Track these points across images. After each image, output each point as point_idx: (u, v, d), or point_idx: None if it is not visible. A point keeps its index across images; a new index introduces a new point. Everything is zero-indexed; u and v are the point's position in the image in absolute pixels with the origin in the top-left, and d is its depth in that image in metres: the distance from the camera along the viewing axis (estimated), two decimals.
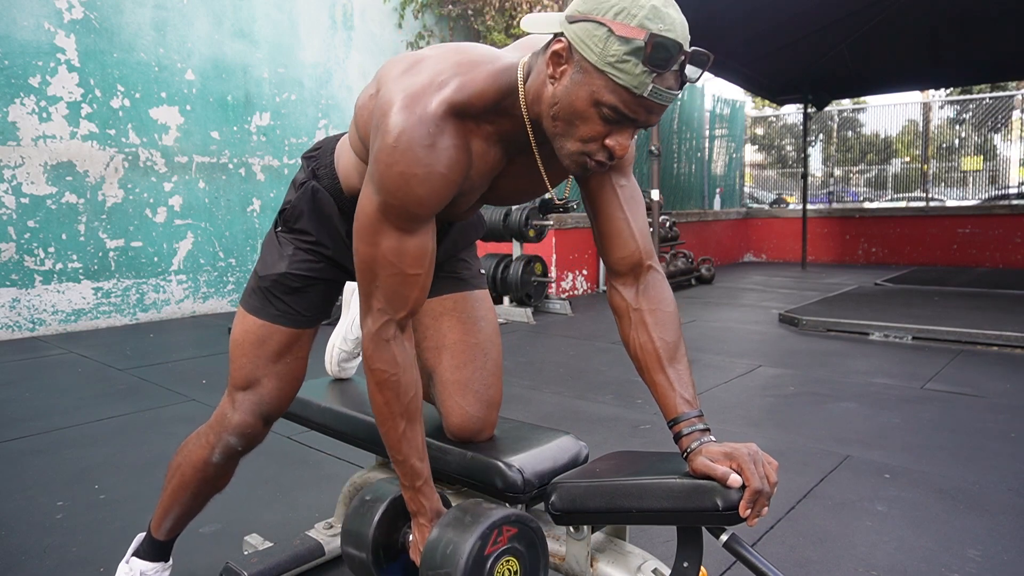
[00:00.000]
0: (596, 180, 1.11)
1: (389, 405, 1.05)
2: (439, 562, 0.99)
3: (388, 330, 1.04)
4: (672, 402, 1.03)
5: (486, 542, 0.99)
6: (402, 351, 1.05)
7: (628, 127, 0.92)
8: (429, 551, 1.01)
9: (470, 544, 0.97)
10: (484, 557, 0.98)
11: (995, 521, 1.83)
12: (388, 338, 1.04)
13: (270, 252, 1.25)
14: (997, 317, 4.53)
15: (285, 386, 1.26)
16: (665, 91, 0.88)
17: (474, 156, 1.00)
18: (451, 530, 1.00)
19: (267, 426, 1.28)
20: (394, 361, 1.04)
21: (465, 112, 0.97)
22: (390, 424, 1.06)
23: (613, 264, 1.12)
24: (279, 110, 5.96)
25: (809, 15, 5.99)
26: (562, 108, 0.92)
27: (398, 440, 1.06)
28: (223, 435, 1.25)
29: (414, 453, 1.07)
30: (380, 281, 1.02)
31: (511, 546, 1.01)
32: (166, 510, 1.34)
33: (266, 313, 1.22)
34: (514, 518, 1.02)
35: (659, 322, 1.08)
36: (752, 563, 0.93)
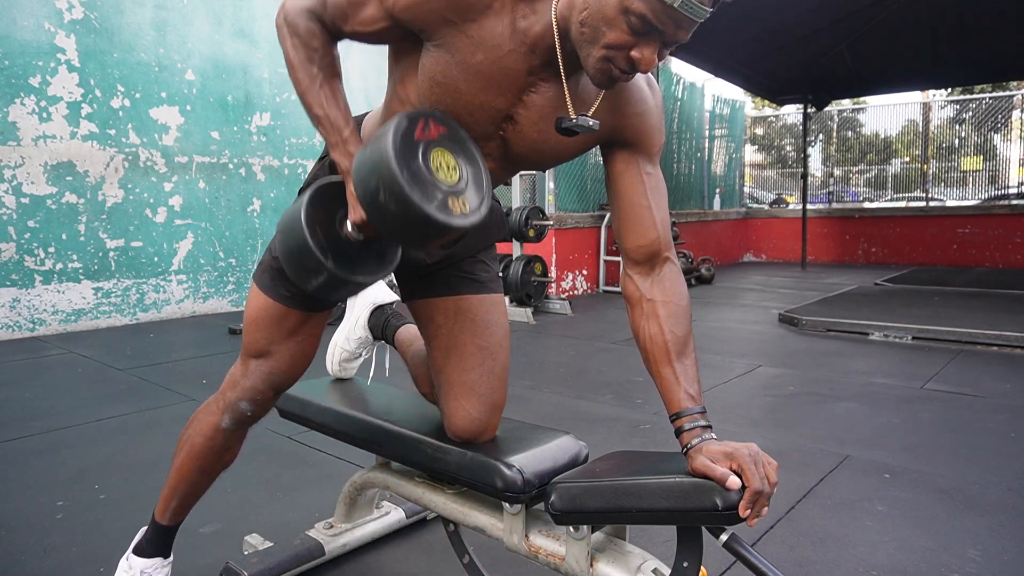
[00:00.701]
0: (623, 162, 1.09)
1: (305, 61, 1.05)
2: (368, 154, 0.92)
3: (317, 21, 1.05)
4: (676, 396, 1.03)
5: (413, 124, 0.93)
6: (324, 33, 1.06)
7: (654, 39, 0.90)
8: (357, 165, 0.95)
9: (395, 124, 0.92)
10: (414, 139, 0.92)
11: (995, 521, 1.83)
12: (315, 20, 1.05)
13: None
14: (997, 317, 4.53)
15: (296, 361, 1.26)
16: (696, 4, 0.86)
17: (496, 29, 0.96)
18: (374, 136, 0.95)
19: (276, 395, 1.28)
20: (315, 32, 1.05)
21: None
22: (307, 79, 1.05)
23: (630, 251, 1.11)
24: (279, 110, 5.96)
25: (809, 15, 6.00)
26: (591, 14, 0.90)
27: (317, 92, 1.05)
28: (234, 400, 1.26)
29: (335, 105, 1.06)
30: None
31: (442, 142, 0.96)
32: (173, 489, 1.34)
33: (276, 293, 1.22)
34: (439, 116, 0.98)
35: (671, 314, 1.07)
36: (752, 563, 0.93)
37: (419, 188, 0.90)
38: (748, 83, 8.09)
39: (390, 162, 0.88)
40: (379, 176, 0.90)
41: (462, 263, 1.31)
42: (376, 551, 1.70)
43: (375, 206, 0.92)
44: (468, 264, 1.32)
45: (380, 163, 0.89)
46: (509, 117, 1.04)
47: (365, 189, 0.93)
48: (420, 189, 0.90)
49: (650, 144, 1.10)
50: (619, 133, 1.08)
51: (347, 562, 1.65)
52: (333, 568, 1.62)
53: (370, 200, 0.93)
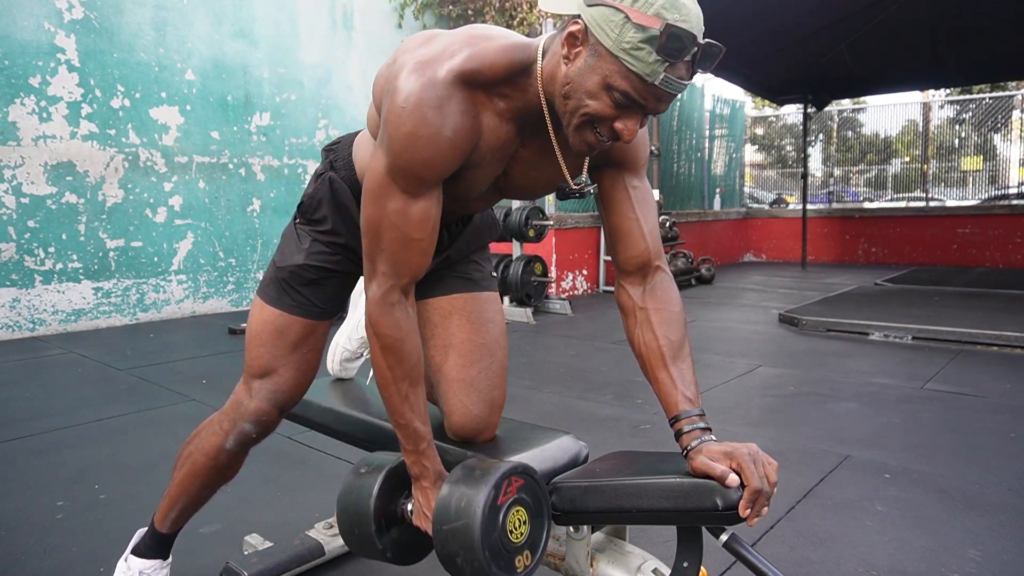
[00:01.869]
0: (610, 178, 1.12)
1: (392, 369, 1.06)
2: (454, 516, 0.98)
3: (392, 295, 1.05)
4: (674, 399, 1.04)
5: (499, 492, 0.99)
6: (405, 316, 1.06)
7: (637, 112, 0.94)
8: (442, 507, 1.01)
9: (485, 494, 0.98)
10: (498, 507, 0.99)
11: (995, 521, 1.83)
12: (392, 303, 1.05)
13: (288, 244, 1.27)
14: (997, 317, 4.53)
15: (301, 376, 1.28)
16: (676, 80, 0.89)
17: (484, 129, 1.01)
18: (463, 485, 1.01)
19: (281, 415, 1.30)
20: (398, 325, 1.05)
21: (475, 81, 0.98)
22: (393, 388, 1.07)
23: (622, 263, 1.14)
24: (279, 110, 5.96)
25: (809, 16, 6.00)
26: (573, 88, 0.93)
27: (401, 403, 1.07)
28: (238, 422, 1.26)
29: (417, 416, 1.08)
30: (384, 244, 1.03)
31: (520, 496, 1.02)
32: (173, 501, 1.34)
33: (283, 303, 1.24)
34: (521, 469, 1.03)
35: (664, 321, 1.10)
36: (752, 563, 0.94)
37: (495, 560, 0.98)
38: (748, 83, 8.08)
39: (474, 540, 0.96)
40: (461, 545, 0.97)
41: (455, 264, 1.33)
42: None
43: (451, 563, 1.00)
44: (461, 265, 1.34)
45: (465, 537, 0.97)
46: (503, 174, 1.11)
47: (443, 545, 1.00)
48: (496, 561, 0.98)
49: (635, 160, 1.13)
50: (605, 156, 1.12)
51: (347, 562, 1.65)
52: (333, 568, 1.62)
53: (446, 555, 1.00)
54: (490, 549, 0.97)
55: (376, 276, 1.05)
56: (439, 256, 1.27)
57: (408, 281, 1.06)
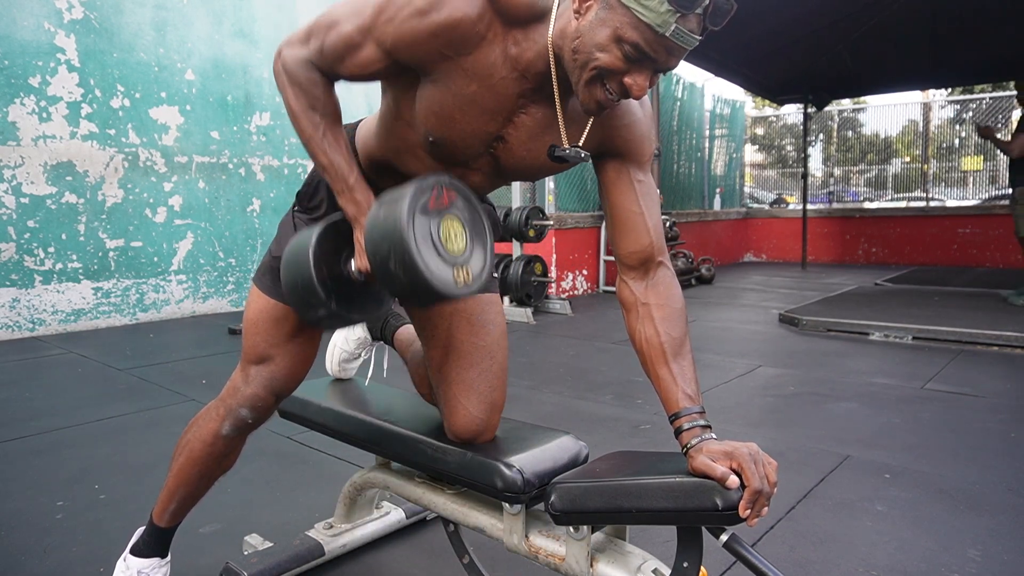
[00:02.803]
0: (615, 171, 1.11)
1: (309, 110, 1.07)
2: (382, 219, 0.95)
3: (314, 68, 1.06)
4: (674, 396, 1.04)
5: (425, 193, 0.97)
6: (320, 76, 1.07)
7: (647, 67, 0.92)
8: (371, 218, 0.98)
9: (411, 192, 0.95)
10: (428, 209, 0.96)
11: (995, 521, 1.83)
12: (312, 68, 1.06)
13: (286, 233, 1.27)
14: (997, 317, 4.53)
15: (297, 364, 1.28)
16: (687, 33, 0.88)
17: (489, 59, 0.98)
18: (387, 200, 0.98)
19: (277, 401, 1.30)
20: (315, 80, 1.06)
21: (498, 6, 0.95)
22: (311, 127, 1.07)
23: (624, 257, 1.13)
24: (279, 110, 5.96)
25: (809, 16, 5.99)
26: (583, 42, 0.92)
27: (320, 138, 1.07)
28: (235, 407, 1.27)
29: (338, 152, 1.07)
30: (329, 39, 1.03)
31: (453, 211, 1.00)
32: (171, 492, 1.35)
33: (277, 293, 1.23)
34: (452, 183, 1.02)
35: (666, 317, 1.09)
36: (752, 563, 0.93)
37: (429, 261, 0.94)
38: (748, 83, 8.08)
39: (403, 234, 0.92)
40: (391, 244, 0.93)
41: None
42: (376, 551, 1.70)
43: (384, 270, 0.96)
44: None
45: (393, 232, 0.93)
46: (500, 138, 1.08)
47: (375, 252, 0.96)
48: (429, 262, 0.94)
49: (640, 153, 1.12)
50: (609, 144, 1.11)
51: (347, 562, 1.65)
52: (333, 568, 1.62)
53: (379, 263, 0.96)
54: (420, 245, 0.93)
55: (308, 46, 1.06)
56: None
57: (327, 71, 1.06)
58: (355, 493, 1.63)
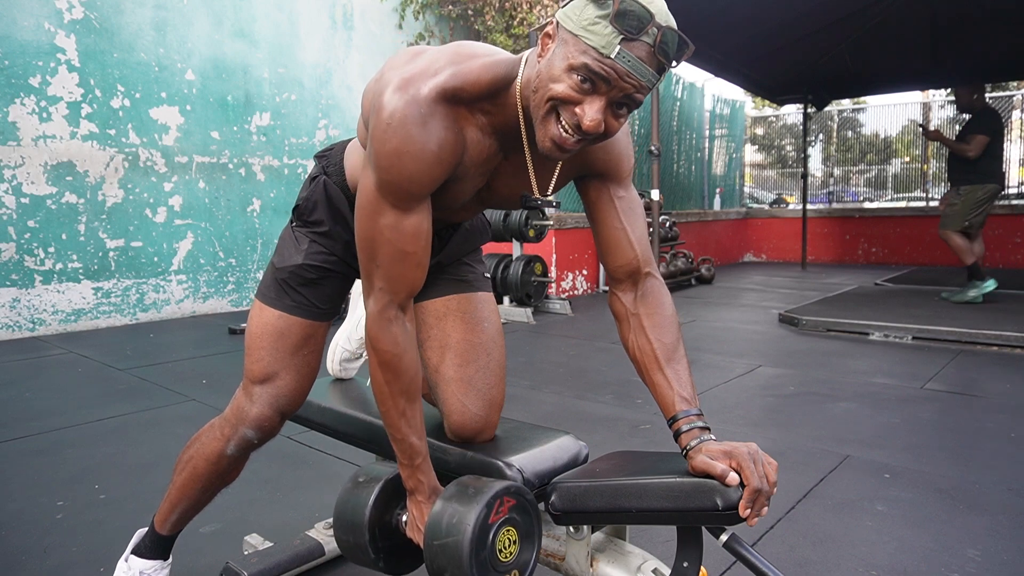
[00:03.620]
0: (595, 190, 1.14)
1: (390, 384, 1.08)
2: (444, 532, 1.00)
3: (390, 311, 1.06)
4: (670, 400, 1.05)
5: (490, 511, 1.01)
6: (403, 331, 1.08)
7: (600, 96, 0.92)
8: (434, 523, 1.02)
9: (476, 513, 0.99)
10: (488, 525, 1.00)
11: (995, 521, 1.83)
12: (390, 318, 1.06)
13: (286, 246, 1.28)
14: (997, 317, 4.53)
15: (302, 379, 1.28)
16: (634, 58, 0.89)
17: (468, 143, 1.03)
18: (455, 502, 1.02)
19: (283, 421, 1.30)
20: (396, 341, 1.07)
21: (457, 98, 0.99)
22: (391, 403, 1.08)
23: (613, 271, 1.17)
24: (279, 110, 5.96)
25: (809, 15, 5.99)
26: (542, 79, 0.95)
27: (398, 418, 1.09)
28: (240, 428, 1.27)
29: (413, 431, 1.09)
30: (380, 260, 1.04)
31: (511, 516, 1.04)
32: (173, 504, 1.35)
33: (283, 304, 1.25)
34: (514, 489, 1.05)
35: (657, 325, 1.11)
36: (752, 563, 0.94)
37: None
38: (748, 83, 8.07)
39: (463, 561, 0.98)
40: (450, 561, 0.99)
41: (448, 267, 1.34)
42: None
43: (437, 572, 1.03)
44: (453, 267, 1.36)
45: (454, 554, 0.99)
46: (486, 186, 1.14)
47: (433, 559, 1.02)
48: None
49: (619, 171, 1.14)
50: (589, 167, 1.13)
51: (347, 562, 1.65)
52: (333, 568, 1.62)
53: (435, 571, 1.02)
54: (478, 567, 0.98)
55: (373, 292, 1.06)
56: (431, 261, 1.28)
57: (405, 296, 1.07)
58: None
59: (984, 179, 5.17)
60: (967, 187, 5.24)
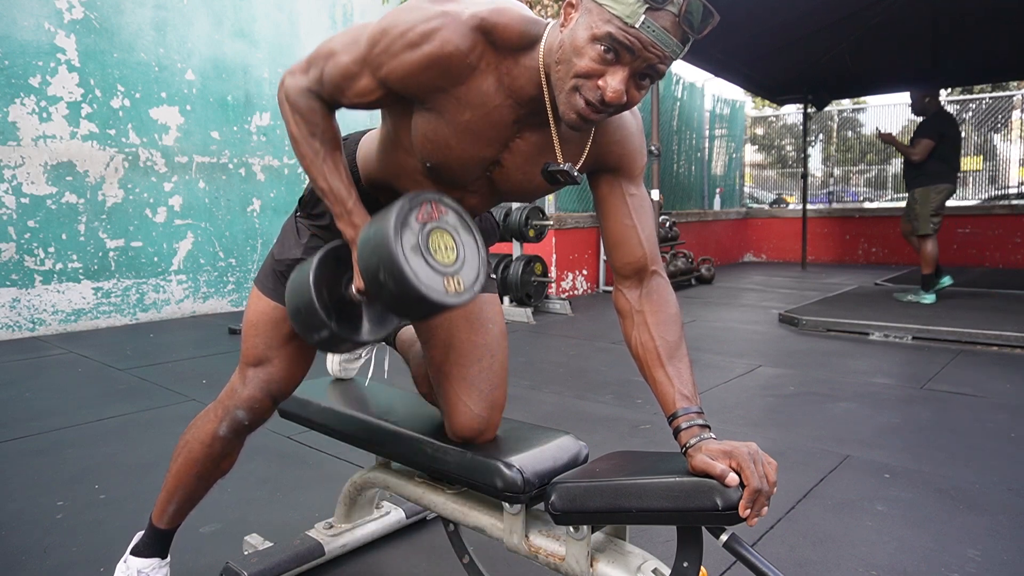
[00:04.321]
0: (607, 185, 1.14)
1: (307, 131, 1.09)
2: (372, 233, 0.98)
3: (315, 97, 1.09)
4: (671, 397, 1.04)
5: (413, 207, 1.00)
6: (321, 103, 1.09)
7: (622, 66, 0.92)
8: (361, 244, 1.01)
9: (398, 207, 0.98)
10: (417, 222, 0.99)
11: (995, 521, 1.83)
12: (313, 96, 1.09)
13: (288, 236, 1.29)
14: (997, 317, 4.53)
15: (294, 367, 1.29)
16: (660, 29, 0.89)
17: (482, 88, 1.01)
18: (378, 217, 1.01)
19: (274, 404, 1.31)
20: (313, 108, 1.09)
21: (490, 36, 0.98)
22: (308, 147, 1.10)
23: (619, 267, 1.16)
24: (279, 110, 5.95)
25: (809, 15, 5.99)
26: (564, 50, 0.94)
27: (320, 163, 1.09)
28: (232, 408, 1.28)
29: (338, 175, 1.10)
30: (327, 69, 1.06)
31: (443, 225, 1.02)
32: (170, 493, 1.36)
33: (279, 295, 1.25)
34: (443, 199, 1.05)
35: (660, 322, 1.11)
36: (752, 563, 0.93)
37: (417, 270, 0.96)
38: (748, 83, 8.07)
39: (389, 244, 0.94)
40: (379, 256, 0.96)
41: None
42: (376, 551, 1.71)
43: (375, 283, 0.99)
44: None
45: (381, 244, 0.96)
46: (496, 162, 1.11)
47: (367, 266, 0.99)
48: (418, 271, 0.96)
49: (632, 167, 1.14)
50: (602, 160, 1.13)
51: (347, 562, 1.65)
52: (333, 568, 1.62)
53: (371, 277, 0.99)
54: (408, 253, 0.96)
55: (308, 75, 1.08)
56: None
57: (327, 100, 1.09)
58: (355, 493, 1.63)
59: (934, 180, 5.32)
60: (920, 189, 5.40)
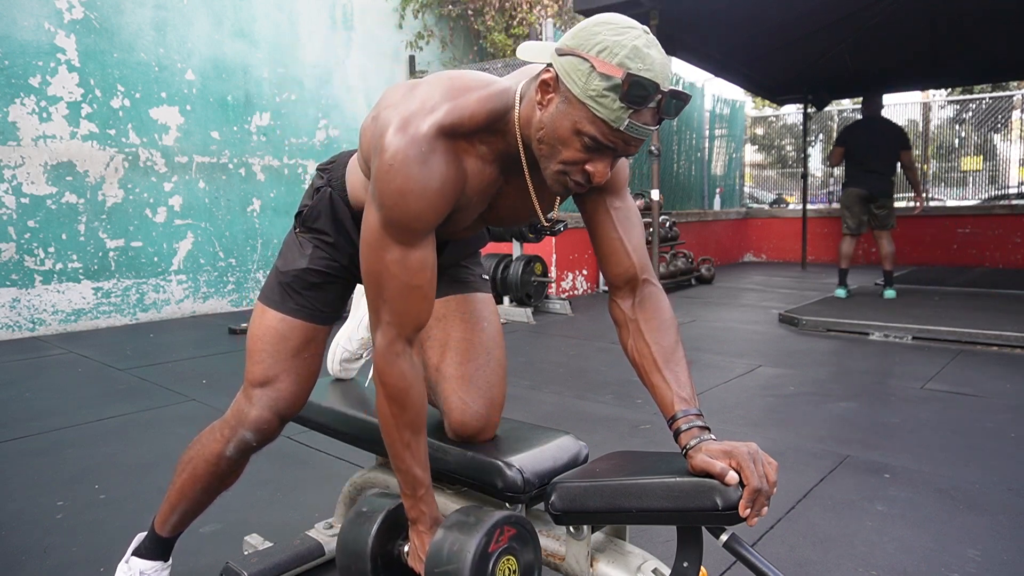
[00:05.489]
0: (592, 203, 1.16)
1: (396, 417, 1.08)
2: (445, 560, 1.01)
3: (397, 345, 1.07)
4: (669, 400, 1.05)
5: (490, 540, 1.01)
6: (411, 365, 1.09)
7: (607, 155, 0.97)
8: (435, 551, 1.03)
9: (476, 541, 1.00)
10: (488, 554, 1.01)
11: (995, 521, 1.83)
12: (398, 352, 1.07)
13: (291, 250, 1.29)
14: (997, 317, 4.53)
15: (302, 383, 1.29)
16: (641, 126, 0.93)
17: (469, 174, 1.05)
18: (456, 530, 1.03)
19: (282, 424, 1.31)
20: (403, 375, 1.07)
21: (456, 132, 1.01)
22: (396, 435, 1.09)
23: (611, 279, 1.18)
24: (279, 110, 5.96)
25: (809, 15, 5.99)
26: (547, 133, 0.98)
27: (403, 450, 1.09)
28: (239, 430, 1.27)
29: (417, 463, 1.10)
30: (387, 295, 1.05)
31: (511, 545, 1.04)
32: (173, 506, 1.35)
33: (286, 307, 1.26)
34: (514, 519, 1.05)
35: (655, 329, 1.12)
36: (752, 563, 0.94)
37: None
38: (748, 83, 8.08)
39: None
40: None
41: (446, 270, 1.35)
42: None
43: None
44: (452, 270, 1.37)
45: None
46: (488, 208, 1.16)
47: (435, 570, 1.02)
48: None
49: (614, 182, 1.16)
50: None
51: None
52: (333, 568, 1.62)
53: None
54: None
55: (381, 325, 1.07)
56: None
57: (412, 330, 1.08)
58: (355, 493, 1.63)
59: (847, 184, 5.83)
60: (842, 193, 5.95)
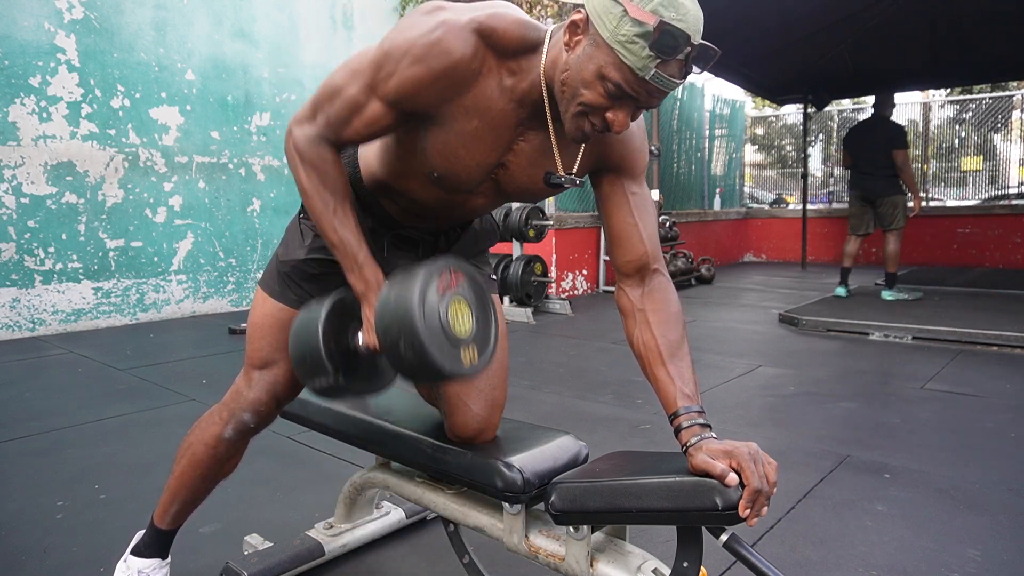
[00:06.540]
0: (609, 184, 1.14)
1: (320, 184, 1.09)
2: (393, 304, 0.98)
3: (323, 143, 1.08)
4: (672, 396, 1.05)
5: (436, 279, 1.00)
6: (330, 151, 1.09)
7: (628, 104, 0.96)
8: (382, 302, 1.01)
9: (420, 278, 0.98)
10: (437, 294, 0.99)
11: (995, 521, 1.83)
12: (321, 141, 1.08)
13: (292, 238, 1.28)
14: (997, 317, 4.53)
15: None
16: (667, 78, 0.91)
17: (486, 93, 1.02)
18: (399, 279, 1.01)
19: (279, 407, 1.31)
20: (324, 157, 1.08)
21: (490, 40, 0.99)
22: (321, 204, 1.09)
23: (621, 266, 1.16)
24: (279, 110, 5.96)
25: (809, 15, 5.99)
26: (571, 75, 0.95)
27: (331, 217, 1.09)
28: (237, 411, 1.28)
29: (348, 229, 1.09)
30: (332, 112, 1.06)
31: (460, 292, 1.03)
32: (173, 494, 1.36)
33: (284, 298, 1.26)
34: (462, 266, 1.05)
35: (662, 321, 1.11)
36: (752, 563, 0.93)
37: (437, 344, 0.97)
38: (748, 83, 8.07)
39: (412, 319, 0.96)
40: (401, 328, 0.97)
41: None
42: (376, 551, 1.71)
43: (394, 351, 0.99)
44: None
45: (403, 318, 0.96)
46: (501, 165, 1.11)
47: (386, 334, 1.00)
48: (438, 345, 0.97)
49: (634, 166, 1.14)
50: (605, 160, 1.13)
51: (347, 562, 1.65)
52: (333, 568, 1.62)
53: (390, 345, 1.00)
54: (430, 329, 0.96)
55: (315, 122, 1.08)
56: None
57: (335, 140, 1.09)
58: (355, 493, 1.63)
59: (849, 186, 6.12)
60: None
